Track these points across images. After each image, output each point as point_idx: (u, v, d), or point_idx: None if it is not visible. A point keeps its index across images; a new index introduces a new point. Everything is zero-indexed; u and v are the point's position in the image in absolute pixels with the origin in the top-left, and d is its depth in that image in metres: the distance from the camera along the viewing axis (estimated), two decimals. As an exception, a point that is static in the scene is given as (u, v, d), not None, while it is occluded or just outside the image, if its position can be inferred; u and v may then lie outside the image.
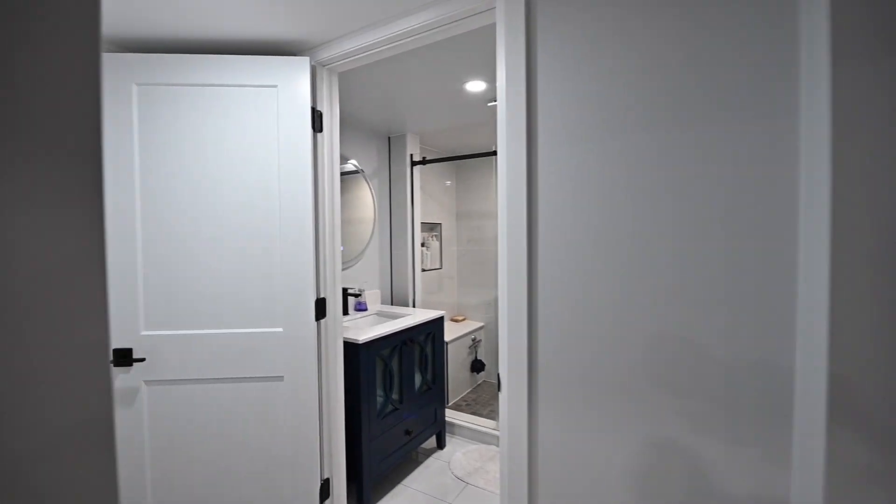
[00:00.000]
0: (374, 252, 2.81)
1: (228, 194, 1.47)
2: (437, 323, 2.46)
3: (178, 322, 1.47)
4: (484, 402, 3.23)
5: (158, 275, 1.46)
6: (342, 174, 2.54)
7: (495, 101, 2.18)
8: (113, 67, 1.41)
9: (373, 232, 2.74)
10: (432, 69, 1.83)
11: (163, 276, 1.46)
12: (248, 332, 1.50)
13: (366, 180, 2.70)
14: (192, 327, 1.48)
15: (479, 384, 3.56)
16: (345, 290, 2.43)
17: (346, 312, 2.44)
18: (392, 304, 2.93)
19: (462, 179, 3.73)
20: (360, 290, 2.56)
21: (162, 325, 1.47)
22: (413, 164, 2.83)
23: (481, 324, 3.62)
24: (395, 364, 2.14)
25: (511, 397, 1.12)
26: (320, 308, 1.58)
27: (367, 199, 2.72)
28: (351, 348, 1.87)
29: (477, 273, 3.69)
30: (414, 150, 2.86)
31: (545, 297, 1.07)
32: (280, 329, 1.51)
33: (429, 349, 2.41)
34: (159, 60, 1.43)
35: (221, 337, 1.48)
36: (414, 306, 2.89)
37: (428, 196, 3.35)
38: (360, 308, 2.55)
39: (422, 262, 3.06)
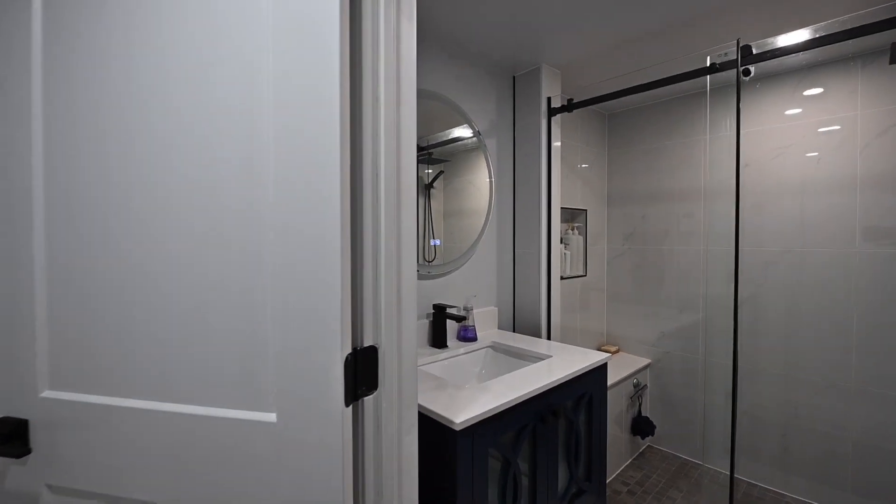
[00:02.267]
0: (488, 249, 1.88)
1: (179, 145, 0.68)
2: (597, 375, 1.41)
3: (101, 382, 0.73)
4: (658, 490, 2.04)
5: (68, 289, 0.73)
6: (447, 142, 1.67)
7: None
8: None
9: (487, 218, 1.81)
10: None
11: (75, 291, 0.73)
12: (212, 417, 0.68)
13: (483, 152, 1.78)
14: (122, 393, 0.72)
15: (641, 451, 2.37)
16: (441, 310, 1.55)
17: (442, 344, 1.55)
18: (514, 331, 1.96)
19: (617, 145, 2.56)
20: (465, 310, 1.65)
21: (75, 384, 0.74)
22: (551, 112, 1.82)
23: (646, 360, 2.42)
24: (523, 458, 1.16)
25: None
26: (363, 373, 0.69)
27: (482, 177, 1.80)
28: (438, 434, 0.96)
29: (640, 285, 2.49)
30: (552, 91, 1.85)
31: None
32: (272, 417, 0.66)
33: (581, 422, 1.37)
34: None
35: (170, 420, 0.70)
36: (549, 336, 1.87)
37: (567, 168, 2.29)
38: (466, 336, 1.64)
39: (561, 266, 2.03)
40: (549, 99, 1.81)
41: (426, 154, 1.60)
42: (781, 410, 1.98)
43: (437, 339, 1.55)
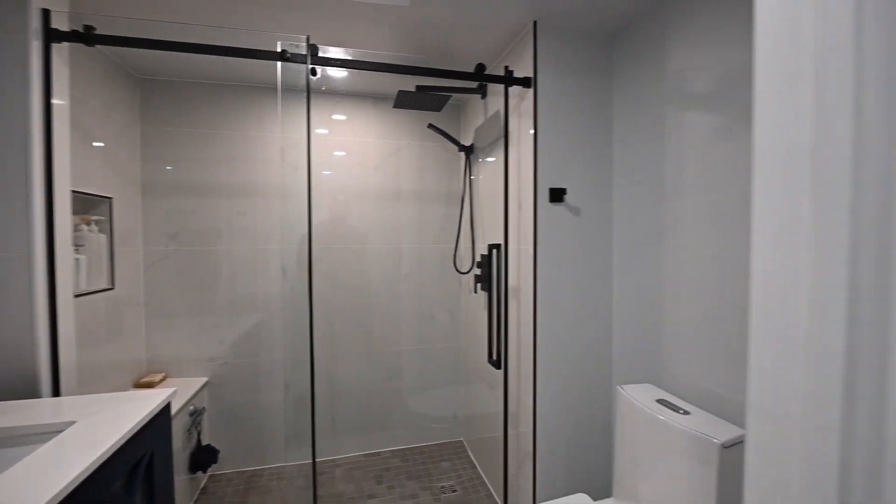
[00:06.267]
0: None
1: None
2: (158, 426, 1.02)
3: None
4: (228, 523, 1.79)
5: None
6: None
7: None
8: None
9: None
10: None
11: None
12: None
13: None
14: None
15: (204, 486, 2.03)
16: None
17: None
18: (-27, 398, 1.09)
19: (157, 121, 2.03)
20: None
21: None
22: (51, 35, 1.14)
23: (203, 379, 2.09)
24: None
25: None
26: None
27: None
28: None
29: (190, 293, 2.10)
30: (53, 4, 1.16)
31: None
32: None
33: (140, 501, 0.93)
34: None
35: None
36: (57, 390, 1.18)
37: (81, 137, 1.57)
38: None
39: (74, 278, 1.33)
40: (46, 12, 1.13)
41: None
42: (327, 386, 2.29)
43: None
